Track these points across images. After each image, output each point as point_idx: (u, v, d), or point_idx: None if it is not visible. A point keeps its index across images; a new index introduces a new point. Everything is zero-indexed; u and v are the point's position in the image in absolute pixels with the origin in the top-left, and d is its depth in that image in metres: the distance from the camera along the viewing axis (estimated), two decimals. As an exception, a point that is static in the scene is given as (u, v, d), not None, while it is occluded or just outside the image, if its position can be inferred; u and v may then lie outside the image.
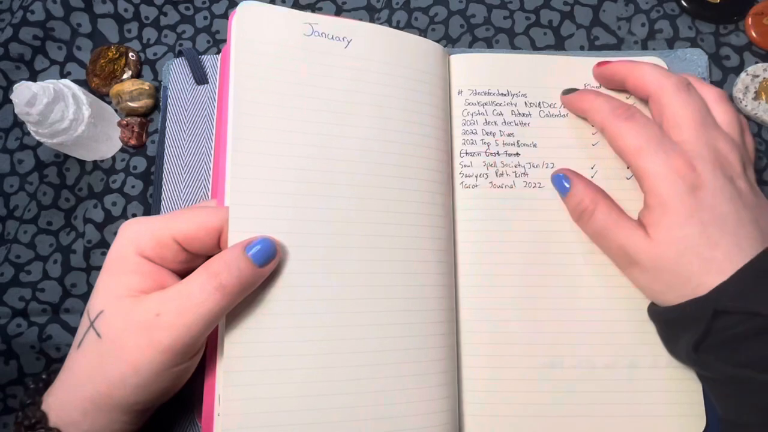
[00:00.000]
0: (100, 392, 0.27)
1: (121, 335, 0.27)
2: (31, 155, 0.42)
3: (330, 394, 0.30)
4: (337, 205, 0.32)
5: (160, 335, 0.26)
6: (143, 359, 0.27)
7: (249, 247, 0.29)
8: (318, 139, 0.33)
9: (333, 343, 0.31)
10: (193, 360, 0.29)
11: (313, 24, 0.34)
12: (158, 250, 0.29)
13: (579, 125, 0.39)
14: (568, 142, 0.38)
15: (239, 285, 0.28)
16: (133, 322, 0.27)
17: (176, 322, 0.27)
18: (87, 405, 0.28)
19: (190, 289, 0.27)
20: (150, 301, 0.27)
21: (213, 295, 0.27)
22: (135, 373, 0.27)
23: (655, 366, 0.35)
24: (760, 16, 0.42)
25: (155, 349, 0.26)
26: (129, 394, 0.27)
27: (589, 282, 0.36)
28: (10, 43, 0.43)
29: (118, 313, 0.28)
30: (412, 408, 0.32)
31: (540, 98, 0.39)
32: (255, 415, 0.29)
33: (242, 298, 0.29)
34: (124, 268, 0.29)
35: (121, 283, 0.28)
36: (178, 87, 0.41)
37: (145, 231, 0.29)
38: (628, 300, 0.35)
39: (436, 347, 0.33)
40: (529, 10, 0.44)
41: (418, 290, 0.33)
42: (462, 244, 0.37)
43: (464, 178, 0.37)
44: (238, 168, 0.31)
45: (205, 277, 0.27)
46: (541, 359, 0.35)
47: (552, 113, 0.39)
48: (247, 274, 0.28)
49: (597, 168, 0.38)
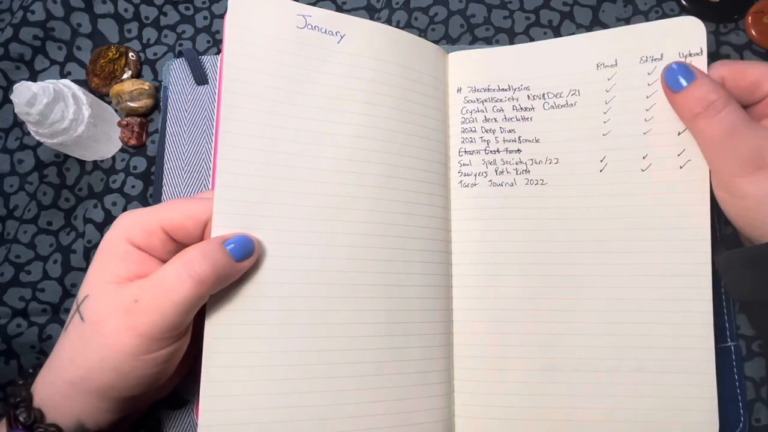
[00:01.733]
0: (79, 375, 0.28)
1: (101, 319, 0.28)
2: (31, 155, 0.42)
3: (311, 392, 0.31)
4: (326, 203, 0.32)
5: (137, 320, 0.27)
6: (119, 343, 0.27)
7: (227, 242, 0.29)
8: (307, 136, 0.33)
9: (316, 341, 0.31)
10: (170, 349, 0.28)
11: (306, 16, 0.34)
12: (147, 238, 0.29)
13: (588, 115, 0.36)
14: (575, 135, 0.36)
15: (213, 275, 0.28)
16: (114, 307, 0.28)
17: (151, 308, 0.27)
18: (66, 388, 0.28)
19: (164, 275, 0.28)
20: (131, 287, 0.28)
21: (186, 282, 0.27)
22: (112, 356, 0.27)
23: (665, 371, 0.33)
24: (760, 14, 0.42)
25: (131, 334, 0.27)
26: (105, 379, 0.28)
27: (593, 282, 0.35)
28: (10, 43, 0.43)
29: (102, 297, 0.28)
30: (401, 407, 0.32)
31: (544, 89, 0.37)
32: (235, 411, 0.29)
33: (217, 289, 0.29)
34: (113, 255, 0.29)
35: (108, 270, 0.29)
36: (178, 87, 0.41)
37: (135, 220, 0.30)
38: (634, 301, 0.34)
39: (426, 347, 0.33)
40: (529, 10, 0.44)
41: (407, 290, 0.33)
42: (461, 244, 0.36)
43: (463, 177, 0.37)
44: (224, 162, 0.31)
45: (179, 264, 0.28)
46: (543, 362, 0.34)
47: (558, 104, 0.37)
48: (223, 265, 0.28)
49: (607, 161, 0.36)
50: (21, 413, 0.28)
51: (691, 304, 0.34)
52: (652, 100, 0.35)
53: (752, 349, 0.37)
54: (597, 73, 0.36)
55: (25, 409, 0.28)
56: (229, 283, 0.29)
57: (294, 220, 0.32)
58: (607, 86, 0.36)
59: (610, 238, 0.35)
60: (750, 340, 0.37)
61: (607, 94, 0.36)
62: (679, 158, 0.34)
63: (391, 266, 0.33)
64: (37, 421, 0.28)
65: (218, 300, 0.30)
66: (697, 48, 0.35)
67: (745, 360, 0.37)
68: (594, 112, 0.36)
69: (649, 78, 0.35)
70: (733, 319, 0.37)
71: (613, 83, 0.36)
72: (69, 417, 0.28)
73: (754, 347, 0.37)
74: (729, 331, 0.37)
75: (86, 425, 0.29)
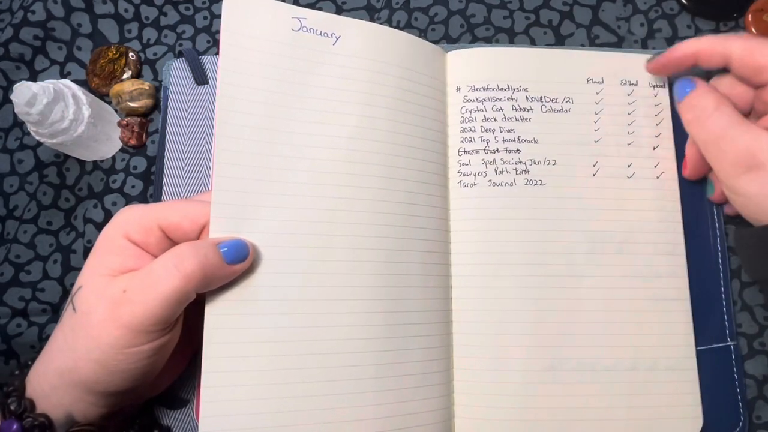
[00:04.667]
0: (67, 366, 0.28)
1: (90, 310, 0.28)
2: (31, 155, 0.42)
3: (310, 396, 0.30)
4: (324, 205, 0.32)
5: (122, 311, 0.27)
6: (103, 333, 0.27)
7: (222, 245, 0.29)
8: (304, 138, 0.33)
9: (315, 344, 0.31)
10: (154, 344, 0.28)
11: (301, 18, 0.34)
12: (143, 235, 0.29)
13: (581, 121, 0.38)
14: (570, 139, 0.38)
15: (201, 272, 0.28)
16: (104, 298, 0.28)
17: (136, 299, 0.27)
18: (55, 378, 0.28)
19: (154, 267, 0.28)
20: (122, 279, 0.28)
21: (173, 275, 0.27)
22: (96, 348, 0.27)
23: (654, 368, 0.35)
24: (760, 12, 0.42)
25: (115, 324, 0.27)
26: (90, 371, 0.28)
27: (591, 283, 0.36)
28: (10, 43, 0.43)
29: (93, 289, 0.28)
30: (401, 409, 0.32)
31: (541, 92, 0.38)
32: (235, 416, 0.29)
33: (206, 289, 0.29)
34: (108, 248, 0.29)
35: (103, 263, 0.29)
36: (178, 87, 0.41)
37: (133, 216, 0.30)
38: (626, 301, 0.35)
39: (425, 348, 0.33)
40: (529, 9, 0.44)
41: (406, 291, 0.33)
42: (461, 244, 0.36)
43: (462, 177, 0.37)
44: (221, 166, 0.31)
45: (169, 257, 0.28)
46: (542, 362, 0.34)
47: (554, 108, 0.38)
48: (212, 264, 0.28)
49: (599, 166, 0.37)
50: (12, 402, 0.28)
51: (672, 303, 0.36)
52: (632, 117, 0.39)
53: (753, 347, 0.37)
54: (587, 86, 0.39)
55: (17, 399, 0.28)
56: (220, 284, 0.29)
57: (292, 223, 0.32)
58: (596, 99, 0.39)
59: (604, 240, 0.36)
60: (751, 338, 0.37)
61: (596, 106, 0.39)
62: (656, 170, 0.38)
63: (390, 267, 0.33)
64: (27, 411, 0.28)
65: (217, 304, 0.30)
66: (661, 82, 0.39)
67: (746, 358, 0.37)
68: (586, 119, 0.38)
69: (629, 98, 0.39)
70: (732, 318, 0.37)
71: (601, 97, 0.39)
72: (59, 408, 0.28)
73: (756, 345, 0.37)
74: (728, 330, 0.37)
75: (75, 417, 0.29)
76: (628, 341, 0.35)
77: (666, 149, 0.38)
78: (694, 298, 0.36)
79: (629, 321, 0.35)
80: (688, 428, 0.34)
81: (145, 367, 0.29)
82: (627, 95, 0.39)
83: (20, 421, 0.28)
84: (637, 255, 0.36)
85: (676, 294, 0.36)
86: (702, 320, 0.36)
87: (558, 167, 0.37)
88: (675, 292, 0.36)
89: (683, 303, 0.36)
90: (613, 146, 0.38)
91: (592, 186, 0.37)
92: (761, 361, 0.37)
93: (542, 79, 0.39)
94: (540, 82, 0.39)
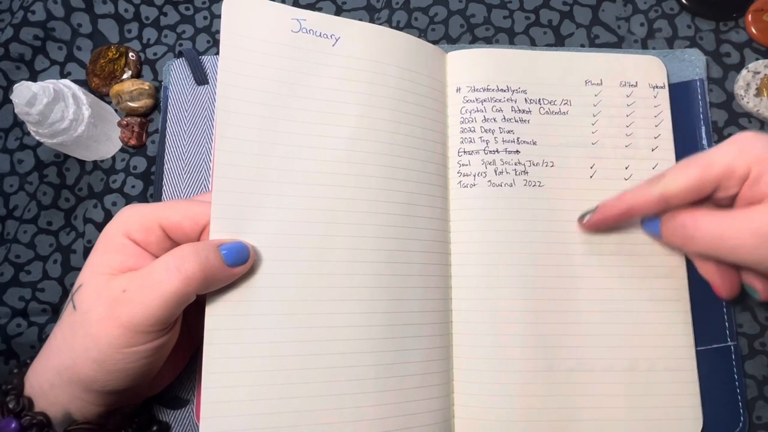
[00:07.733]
0: (65, 364, 0.28)
1: (90, 308, 0.28)
2: (31, 155, 0.42)
3: (311, 396, 0.30)
4: (324, 206, 0.32)
5: (121, 310, 0.27)
6: (102, 332, 0.27)
7: (223, 247, 0.29)
8: (304, 139, 0.33)
9: (316, 345, 0.31)
10: (153, 344, 0.28)
11: (301, 20, 0.34)
12: (144, 234, 0.29)
13: (578, 123, 0.38)
14: (567, 141, 0.38)
15: (201, 273, 0.28)
16: (103, 297, 0.28)
17: (135, 299, 0.27)
18: (53, 376, 0.28)
19: (154, 268, 0.28)
20: (122, 278, 0.28)
21: (174, 276, 0.27)
22: (94, 346, 0.27)
23: (653, 369, 0.35)
24: (760, 12, 0.42)
25: (113, 323, 0.27)
26: (88, 370, 0.27)
27: (590, 283, 0.36)
28: (10, 43, 0.43)
29: (93, 287, 0.28)
30: (402, 409, 0.32)
31: (540, 95, 0.39)
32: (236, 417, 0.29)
33: (206, 290, 0.29)
34: (110, 247, 0.29)
35: (103, 261, 0.29)
36: (178, 87, 0.41)
37: (135, 215, 0.30)
38: (625, 302, 0.35)
39: (425, 348, 0.33)
40: (529, 9, 0.44)
41: (406, 291, 0.33)
42: (461, 245, 0.36)
43: (462, 178, 0.37)
44: (221, 167, 0.31)
45: (170, 258, 0.28)
46: (541, 362, 0.34)
47: (552, 110, 0.39)
48: (213, 266, 0.28)
49: (596, 168, 0.38)
50: (10, 401, 0.28)
51: (671, 304, 0.36)
52: (630, 119, 0.39)
53: (754, 347, 0.37)
54: (585, 89, 0.39)
55: (15, 397, 0.28)
56: (220, 286, 0.29)
57: (292, 224, 0.32)
58: (594, 101, 0.39)
59: (601, 241, 0.36)
60: (752, 338, 0.37)
61: (594, 108, 0.39)
62: (654, 171, 0.38)
63: (390, 267, 0.33)
64: (25, 409, 0.28)
65: (217, 305, 0.30)
66: (661, 82, 0.40)
67: (747, 358, 0.37)
68: (583, 122, 0.39)
69: (628, 100, 0.39)
70: (733, 318, 0.37)
71: (599, 99, 0.39)
72: (57, 406, 0.28)
73: (756, 345, 0.37)
74: (729, 330, 0.37)
75: (73, 415, 0.29)
76: (627, 342, 0.35)
77: (665, 150, 0.38)
78: (694, 298, 0.36)
79: (628, 321, 0.35)
80: (688, 429, 0.34)
81: (144, 366, 0.29)
82: (626, 96, 0.39)
83: (18, 419, 0.28)
84: (635, 255, 0.36)
85: (675, 294, 0.36)
86: (702, 320, 0.36)
87: (555, 169, 0.38)
88: (674, 293, 0.36)
89: (682, 303, 0.36)
90: (610, 148, 0.38)
91: (588, 188, 0.37)
92: (761, 362, 0.37)
93: (541, 81, 0.39)
94: (539, 84, 0.39)
